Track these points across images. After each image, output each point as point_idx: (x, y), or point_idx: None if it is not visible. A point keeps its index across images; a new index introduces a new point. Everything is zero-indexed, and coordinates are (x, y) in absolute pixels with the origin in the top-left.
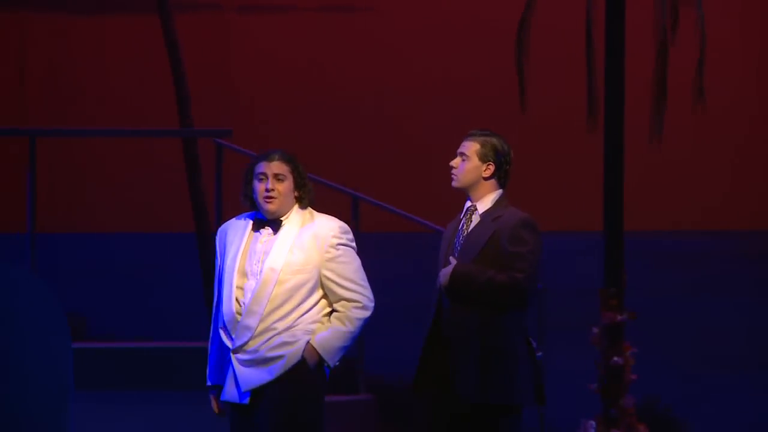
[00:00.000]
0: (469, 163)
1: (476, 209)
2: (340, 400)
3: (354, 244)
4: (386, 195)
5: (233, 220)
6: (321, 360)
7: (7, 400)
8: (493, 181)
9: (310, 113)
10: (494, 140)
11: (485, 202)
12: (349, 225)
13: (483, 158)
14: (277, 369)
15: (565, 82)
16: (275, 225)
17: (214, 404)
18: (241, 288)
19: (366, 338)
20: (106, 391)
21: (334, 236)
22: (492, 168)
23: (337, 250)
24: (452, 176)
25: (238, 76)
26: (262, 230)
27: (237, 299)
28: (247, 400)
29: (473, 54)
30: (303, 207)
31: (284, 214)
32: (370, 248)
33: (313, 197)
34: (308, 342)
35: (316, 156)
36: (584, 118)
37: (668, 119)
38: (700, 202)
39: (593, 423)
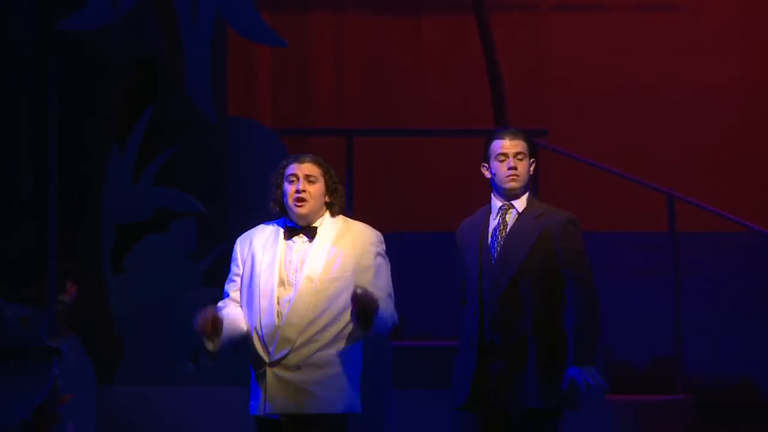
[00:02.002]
0: (526, 161)
1: (512, 207)
2: (657, 400)
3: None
4: (703, 194)
5: (258, 227)
6: (373, 310)
7: None
8: None
9: (624, 112)
10: (529, 137)
11: (521, 200)
12: (664, 224)
13: (531, 155)
14: (311, 408)
15: None
16: (309, 232)
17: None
18: (278, 298)
19: (685, 337)
20: (425, 390)
21: (373, 244)
22: (534, 164)
23: (375, 259)
24: (513, 177)
25: (554, 75)
26: (295, 238)
27: (277, 311)
28: (279, 417)
29: None
30: (334, 214)
31: (315, 220)
32: (685, 247)
33: (344, 203)
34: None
35: (631, 156)
36: None
37: None
38: None
39: None
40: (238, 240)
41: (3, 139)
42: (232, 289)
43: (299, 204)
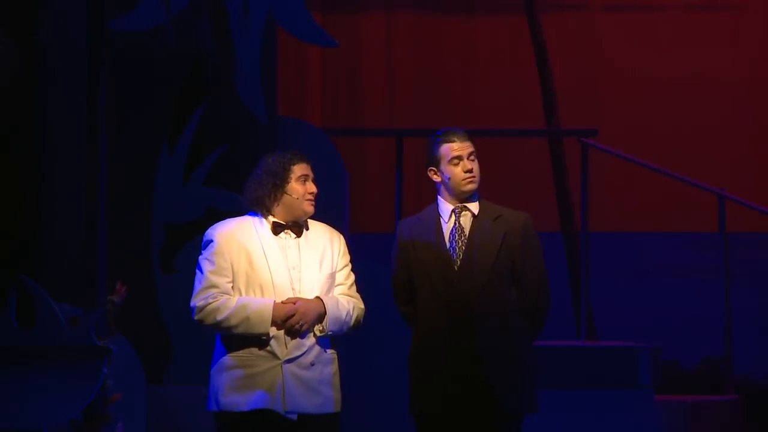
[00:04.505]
0: (477, 161)
1: (466, 209)
2: (706, 401)
3: None
4: (754, 194)
5: (232, 221)
6: (321, 317)
7: (378, 390)
8: None
9: (675, 112)
10: None
11: (475, 202)
12: (715, 224)
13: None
14: (321, 407)
15: None
16: (295, 229)
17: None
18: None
19: (735, 337)
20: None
21: (345, 244)
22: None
23: (348, 255)
24: (471, 180)
25: (605, 75)
26: (282, 234)
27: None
28: (295, 417)
29: None
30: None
31: None
32: (735, 247)
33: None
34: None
35: (681, 156)
36: None
37: None
38: None
39: None
40: (216, 233)
41: (53, 139)
42: (225, 281)
43: (313, 204)
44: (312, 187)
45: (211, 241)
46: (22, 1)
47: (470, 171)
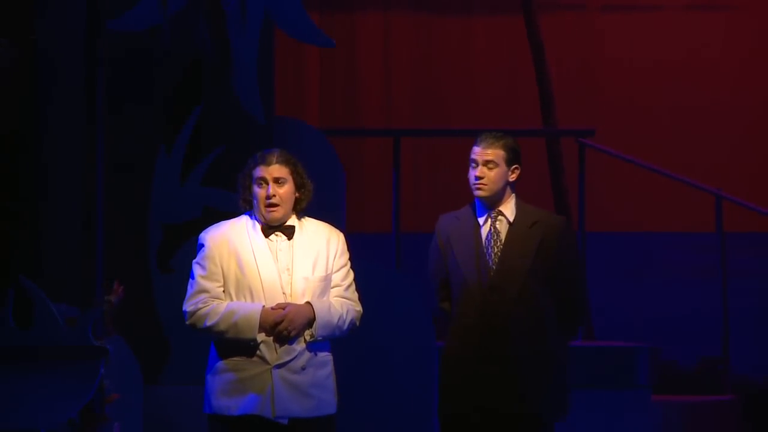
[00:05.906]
0: (498, 170)
1: (500, 214)
2: (704, 401)
3: None
4: (751, 194)
5: (225, 224)
6: (310, 322)
7: (378, 390)
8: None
9: (673, 113)
10: (512, 142)
11: (508, 207)
12: (712, 224)
13: (509, 163)
14: (314, 410)
15: None
16: (287, 230)
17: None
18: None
19: (732, 337)
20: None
21: (344, 243)
22: (518, 171)
23: (347, 254)
24: (479, 186)
25: (602, 75)
26: (273, 236)
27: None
28: (286, 422)
29: None
30: (301, 209)
31: (287, 219)
32: (732, 247)
33: (311, 198)
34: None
35: (679, 156)
36: None
37: None
38: None
39: None
40: (208, 237)
41: (50, 139)
42: (216, 286)
43: (271, 210)
44: (271, 190)
45: (203, 245)
46: (20, 1)
47: (480, 177)
